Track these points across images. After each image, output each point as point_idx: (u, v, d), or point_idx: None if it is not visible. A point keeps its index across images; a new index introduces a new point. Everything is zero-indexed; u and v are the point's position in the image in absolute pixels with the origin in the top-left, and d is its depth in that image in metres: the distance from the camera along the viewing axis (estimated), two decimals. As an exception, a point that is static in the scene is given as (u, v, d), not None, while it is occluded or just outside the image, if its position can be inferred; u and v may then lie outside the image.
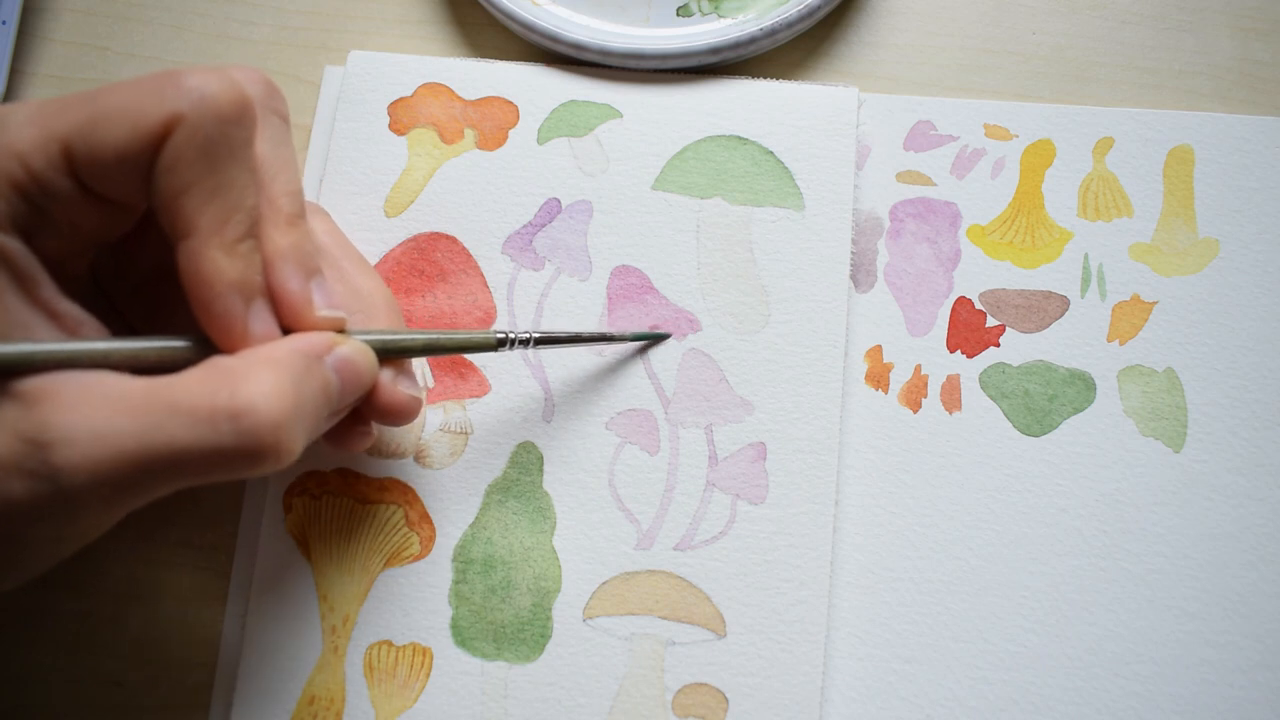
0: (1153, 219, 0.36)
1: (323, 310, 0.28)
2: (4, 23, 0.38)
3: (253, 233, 0.26)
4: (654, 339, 0.35)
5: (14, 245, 0.25)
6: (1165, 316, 0.35)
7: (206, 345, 0.26)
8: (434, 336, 0.30)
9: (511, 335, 0.31)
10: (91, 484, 0.23)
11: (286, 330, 0.27)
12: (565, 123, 0.37)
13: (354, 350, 0.28)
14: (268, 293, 0.27)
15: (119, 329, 0.29)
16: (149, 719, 0.33)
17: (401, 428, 0.34)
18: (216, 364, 0.25)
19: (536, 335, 0.32)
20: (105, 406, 0.23)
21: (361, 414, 0.30)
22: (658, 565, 0.33)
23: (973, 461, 0.34)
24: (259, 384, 0.24)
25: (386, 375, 0.29)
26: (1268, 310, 0.35)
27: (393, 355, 0.29)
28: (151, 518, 0.34)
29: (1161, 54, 0.39)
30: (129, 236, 0.29)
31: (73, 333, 0.26)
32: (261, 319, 0.26)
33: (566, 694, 0.32)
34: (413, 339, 0.30)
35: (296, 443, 0.25)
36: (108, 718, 0.32)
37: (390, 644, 0.33)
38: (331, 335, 0.27)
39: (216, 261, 0.25)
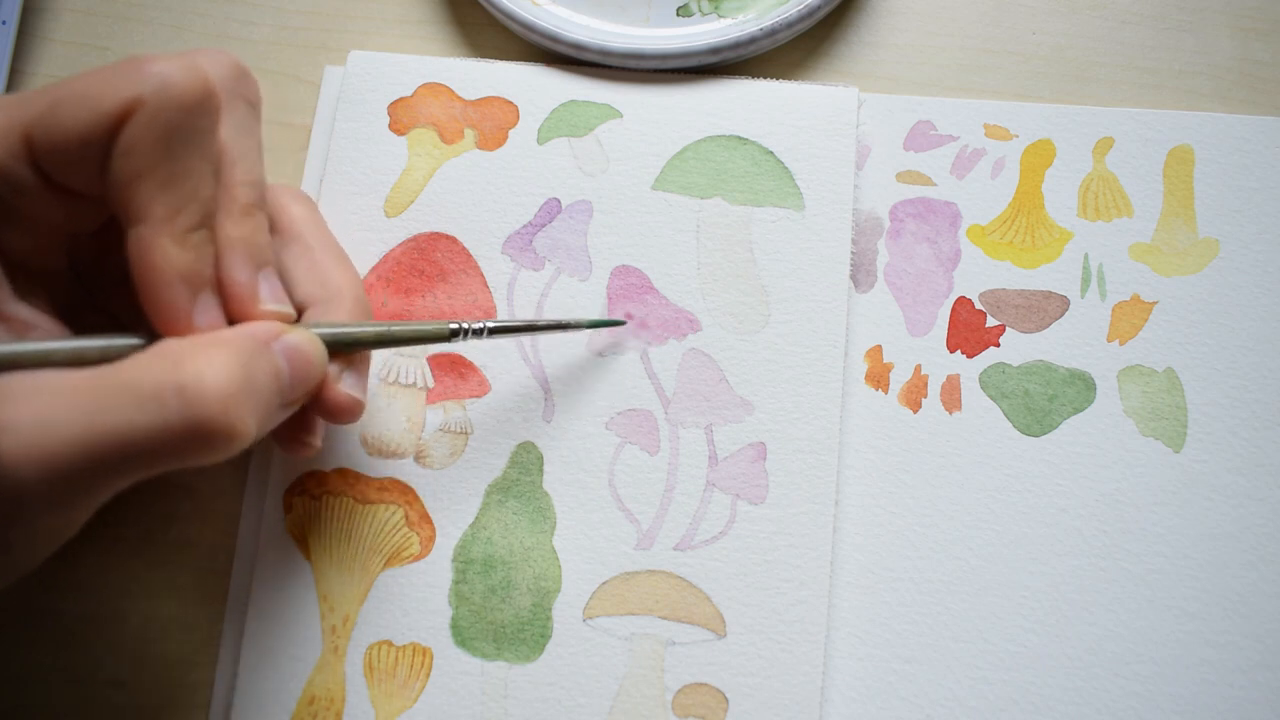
0: (1153, 219, 0.36)
1: (268, 304, 0.27)
2: (4, 23, 0.38)
3: (206, 224, 0.26)
4: (609, 324, 0.35)
5: None
6: (1165, 316, 0.35)
7: (154, 342, 0.26)
8: (385, 328, 0.30)
9: (465, 326, 0.31)
10: (39, 475, 0.22)
11: (233, 323, 0.27)
12: (565, 123, 0.37)
13: (303, 339, 0.27)
14: (217, 286, 0.27)
15: (103, 324, 0.29)
16: (149, 719, 0.33)
17: (401, 428, 0.34)
18: (163, 346, 0.24)
19: (491, 325, 0.32)
20: (50, 396, 0.22)
21: (309, 415, 0.29)
22: (658, 565, 0.33)
23: (973, 461, 0.34)
24: (207, 360, 0.24)
25: (333, 370, 0.29)
26: (1268, 310, 0.35)
27: (344, 348, 0.29)
28: (151, 517, 0.34)
29: (1161, 54, 0.39)
30: (107, 231, 0.28)
31: (22, 335, 0.26)
32: (207, 310, 0.26)
33: (566, 694, 0.32)
34: (363, 331, 0.29)
35: (246, 423, 0.24)
36: (108, 718, 0.32)
37: (390, 644, 0.33)
38: (279, 324, 0.27)
39: (165, 250, 0.25)
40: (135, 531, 0.34)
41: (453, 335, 0.31)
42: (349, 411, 0.29)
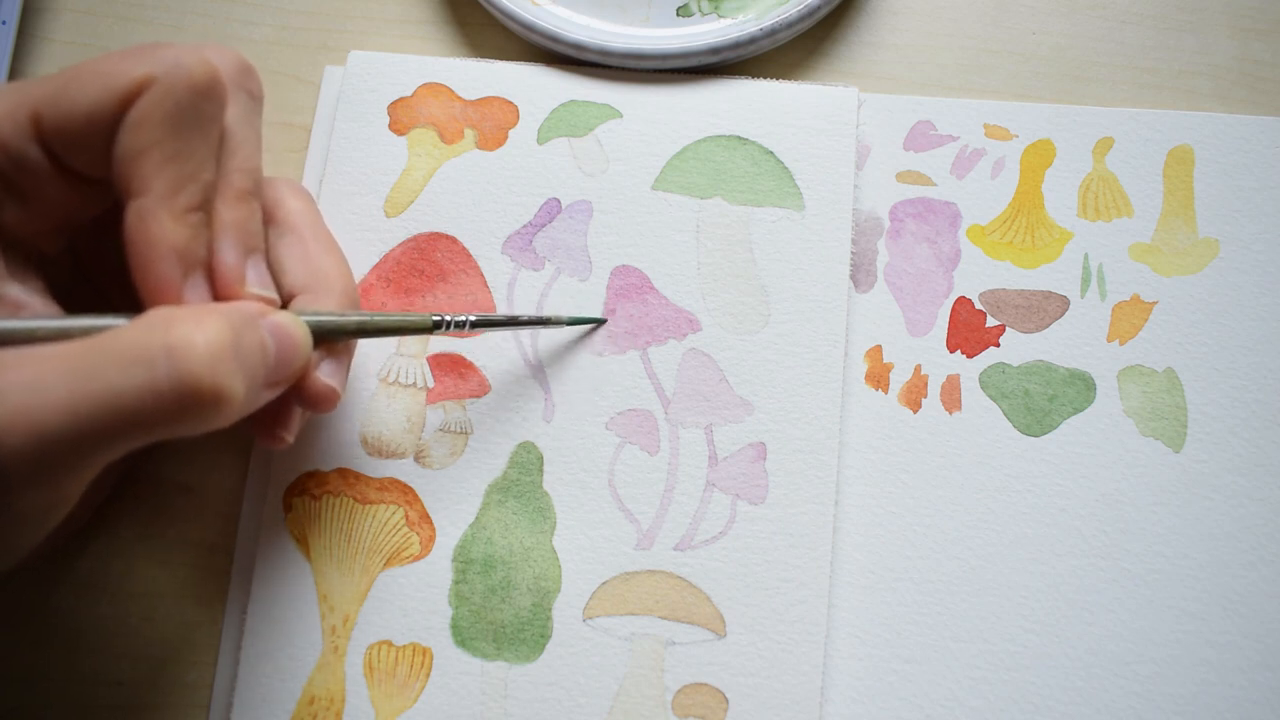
0: (1153, 219, 0.36)
1: (254, 288, 0.28)
2: (4, 23, 0.38)
3: (204, 207, 0.26)
4: (592, 322, 0.35)
5: None
6: (1165, 316, 0.35)
7: None
8: (367, 318, 0.30)
9: (447, 318, 0.31)
10: (27, 444, 0.22)
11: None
12: (565, 123, 0.37)
13: (288, 320, 0.27)
14: (208, 270, 0.27)
15: (98, 310, 0.29)
16: (149, 719, 0.33)
17: (401, 428, 0.34)
18: (153, 313, 0.25)
19: (473, 319, 0.32)
20: (36, 365, 0.22)
21: (287, 406, 0.29)
22: (658, 565, 0.33)
23: (973, 461, 0.34)
24: (196, 324, 0.24)
25: (313, 357, 0.29)
26: (1268, 310, 0.35)
27: (327, 335, 0.29)
28: (151, 516, 0.34)
29: (1161, 54, 0.39)
30: (107, 218, 0.29)
31: (12, 314, 0.26)
32: (197, 290, 0.26)
33: (566, 694, 0.32)
34: (345, 320, 0.29)
35: (234, 386, 0.24)
36: (108, 718, 0.32)
37: (390, 644, 0.33)
38: (265, 305, 0.27)
39: (164, 224, 0.25)
40: (134, 531, 0.34)
41: (435, 327, 0.31)
42: (326, 400, 0.29)
